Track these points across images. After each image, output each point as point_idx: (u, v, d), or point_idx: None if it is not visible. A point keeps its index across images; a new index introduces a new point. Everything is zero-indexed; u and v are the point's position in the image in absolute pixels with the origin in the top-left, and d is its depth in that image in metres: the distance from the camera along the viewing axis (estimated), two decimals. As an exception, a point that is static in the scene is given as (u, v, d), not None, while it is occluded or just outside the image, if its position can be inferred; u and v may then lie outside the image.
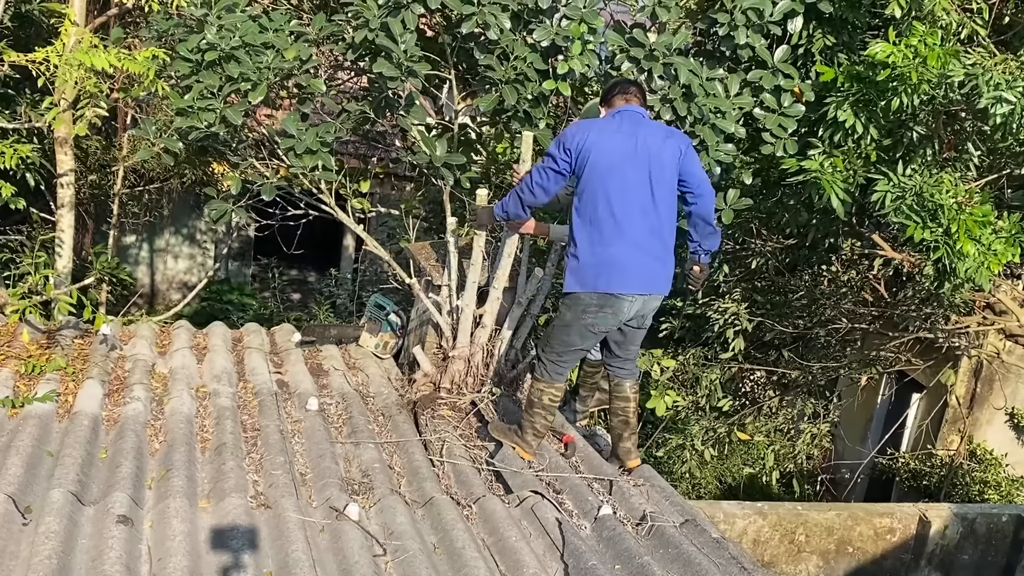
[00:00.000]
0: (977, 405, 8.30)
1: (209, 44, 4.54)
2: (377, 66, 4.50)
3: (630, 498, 4.01)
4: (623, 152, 3.93)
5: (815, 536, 5.63)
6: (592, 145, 3.92)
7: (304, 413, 4.48)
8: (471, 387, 4.82)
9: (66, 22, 5.84)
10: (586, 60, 4.47)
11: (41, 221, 7.77)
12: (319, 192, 5.24)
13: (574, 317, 4.03)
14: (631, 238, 3.93)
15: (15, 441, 3.76)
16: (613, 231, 3.93)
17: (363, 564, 3.19)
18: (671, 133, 4.10)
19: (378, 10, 4.45)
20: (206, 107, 4.60)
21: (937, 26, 4.97)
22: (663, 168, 3.95)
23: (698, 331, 9.23)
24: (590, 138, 3.93)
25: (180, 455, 3.83)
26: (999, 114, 4.59)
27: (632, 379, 4.32)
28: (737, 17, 4.67)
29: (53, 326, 5.20)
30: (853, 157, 5.23)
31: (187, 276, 13.44)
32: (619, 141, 3.95)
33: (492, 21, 4.40)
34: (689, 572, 3.40)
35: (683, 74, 4.51)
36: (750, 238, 7.84)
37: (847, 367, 8.91)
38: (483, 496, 3.86)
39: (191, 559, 3.11)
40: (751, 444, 9.25)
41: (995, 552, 5.95)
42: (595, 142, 3.92)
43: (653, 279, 4.02)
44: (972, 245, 4.73)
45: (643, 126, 4.02)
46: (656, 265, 4.00)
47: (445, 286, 4.87)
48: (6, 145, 5.60)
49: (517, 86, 4.50)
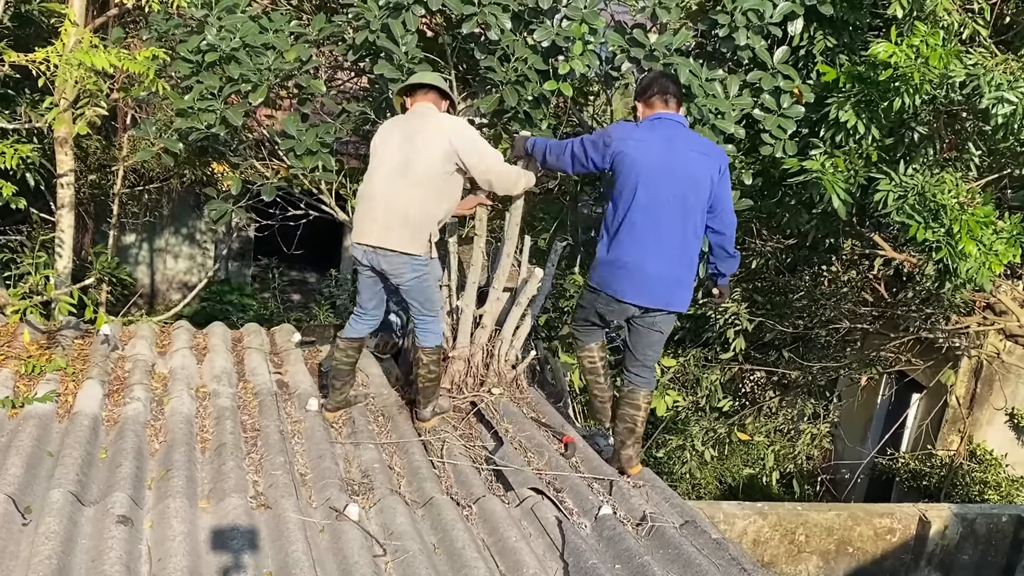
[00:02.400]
0: (977, 405, 8.30)
1: (210, 45, 4.54)
2: (378, 68, 4.50)
3: (630, 499, 4.01)
4: (661, 167, 3.97)
5: (815, 536, 5.63)
6: (630, 153, 3.99)
7: (304, 413, 4.48)
8: (471, 387, 4.82)
9: (66, 22, 5.84)
10: (587, 60, 4.46)
11: (41, 221, 7.76)
12: (319, 192, 5.24)
13: (589, 302, 4.32)
14: (650, 252, 4.00)
15: (15, 441, 3.76)
16: (633, 241, 4.01)
17: (363, 564, 3.19)
18: (711, 150, 4.14)
19: (379, 11, 4.45)
20: (206, 108, 4.60)
21: (939, 26, 4.96)
22: (698, 187, 4.02)
23: (698, 331, 9.23)
24: (629, 146, 4.01)
25: (180, 455, 3.83)
26: (1000, 114, 4.59)
27: (646, 389, 4.34)
28: (737, 18, 4.67)
29: (53, 326, 5.20)
30: (854, 157, 5.22)
31: (187, 276, 13.43)
32: (658, 154, 3.99)
33: (493, 21, 4.40)
34: (689, 573, 3.40)
35: (683, 74, 4.51)
36: (750, 238, 7.84)
37: (847, 367, 8.91)
38: (483, 496, 3.86)
39: (191, 559, 3.11)
40: (751, 444, 9.24)
41: (995, 552, 5.95)
42: (634, 151, 3.99)
43: (666, 295, 4.08)
44: (974, 245, 4.73)
45: (683, 138, 4.08)
46: (671, 282, 4.07)
47: (445, 286, 4.87)
48: (6, 145, 5.59)
49: (518, 87, 4.50)
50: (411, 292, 4.28)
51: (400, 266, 4.17)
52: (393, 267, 4.18)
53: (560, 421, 4.80)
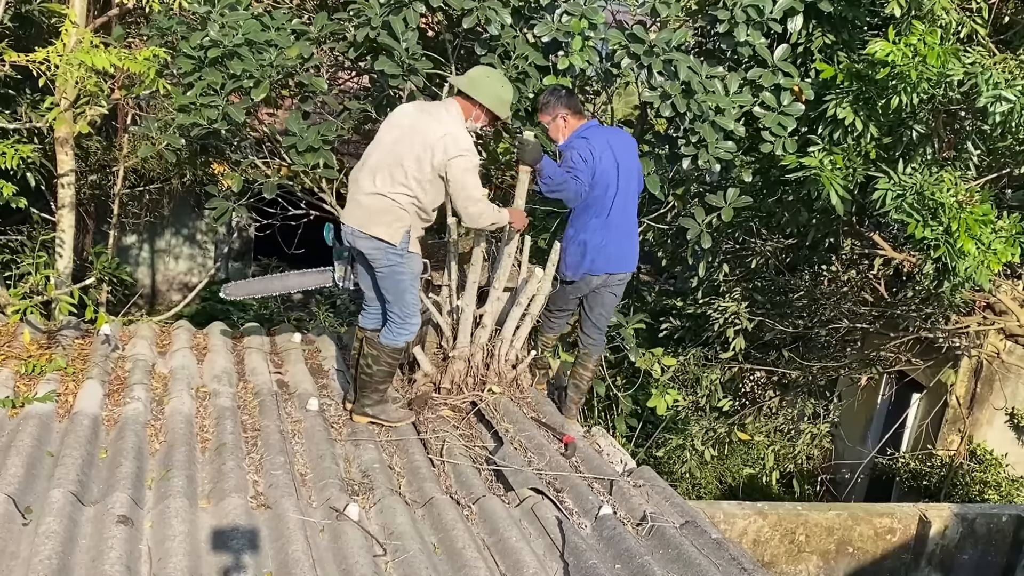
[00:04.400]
0: (977, 405, 8.29)
1: (212, 41, 4.55)
2: (379, 64, 4.51)
3: (630, 498, 4.01)
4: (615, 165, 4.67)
5: (815, 536, 5.63)
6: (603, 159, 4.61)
7: (304, 413, 4.48)
8: (471, 387, 4.82)
9: (66, 22, 5.83)
10: (587, 56, 4.47)
11: (41, 221, 7.76)
12: (320, 191, 5.24)
13: (571, 291, 5.09)
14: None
15: (15, 441, 3.76)
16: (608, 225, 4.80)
17: (363, 564, 3.19)
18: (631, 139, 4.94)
19: (380, 8, 4.45)
20: (209, 104, 4.61)
21: (937, 25, 4.97)
22: (631, 175, 4.77)
23: (698, 331, 9.23)
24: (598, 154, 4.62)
25: (180, 455, 3.83)
26: (998, 112, 4.60)
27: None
28: (737, 14, 4.68)
29: (53, 326, 5.20)
30: (853, 155, 5.23)
31: (187, 276, 13.42)
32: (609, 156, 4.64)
33: (493, 17, 4.41)
34: (689, 573, 3.40)
35: (683, 71, 4.52)
36: (750, 237, 7.84)
37: (847, 367, 8.91)
38: (483, 496, 3.86)
39: (191, 559, 3.11)
40: (751, 444, 9.24)
41: (995, 552, 5.95)
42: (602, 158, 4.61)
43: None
44: (972, 244, 4.73)
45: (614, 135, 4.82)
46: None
47: (445, 286, 4.87)
48: (7, 145, 5.59)
49: (519, 84, 4.50)
50: (384, 281, 4.32)
51: (374, 251, 4.23)
52: (368, 250, 4.24)
53: (560, 421, 4.80)
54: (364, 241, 4.22)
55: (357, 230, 4.21)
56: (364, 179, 4.20)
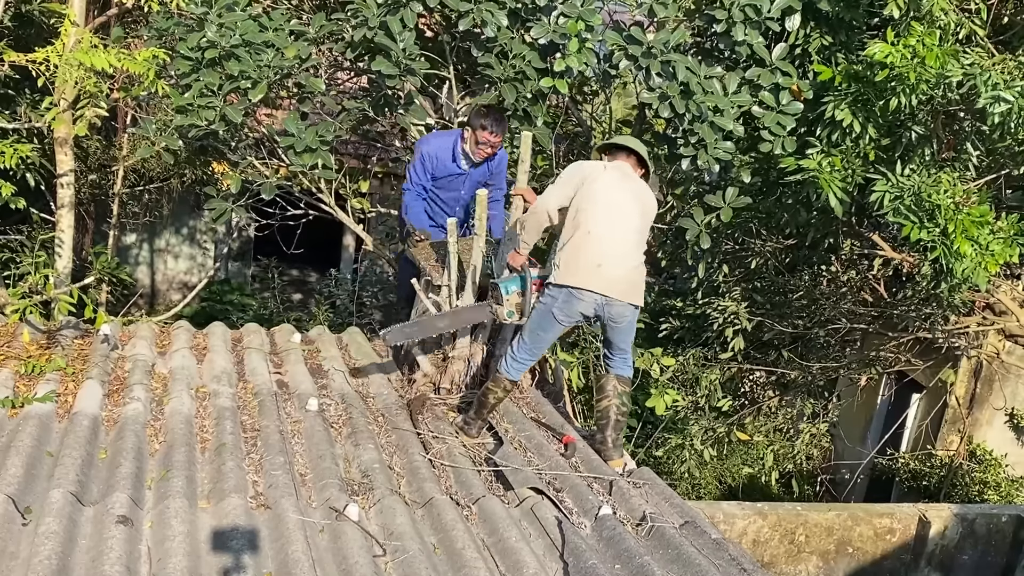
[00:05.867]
0: (977, 405, 8.29)
1: (210, 42, 4.55)
2: (376, 64, 4.51)
3: (630, 499, 4.01)
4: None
5: (815, 536, 5.63)
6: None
7: (304, 413, 4.48)
8: (471, 387, 4.82)
9: (66, 22, 5.83)
10: (584, 58, 4.47)
11: (41, 221, 7.76)
12: (319, 192, 5.25)
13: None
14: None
15: (15, 441, 3.76)
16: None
17: (363, 564, 3.19)
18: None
19: (377, 8, 4.46)
20: (206, 105, 4.61)
21: (935, 26, 4.97)
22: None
23: (698, 331, 9.23)
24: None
25: (180, 455, 3.83)
26: (997, 113, 4.60)
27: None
28: (735, 13, 4.68)
29: (53, 326, 5.20)
30: (851, 156, 5.23)
31: (187, 276, 13.42)
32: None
33: (489, 18, 4.41)
34: (689, 573, 3.40)
35: (681, 71, 4.52)
36: (750, 237, 7.84)
37: (847, 367, 8.91)
38: (483, 496, 3.87)
39: (191, 559, 3.11)
40: (750, 444, 9.24)
41: (995, 552, 5.95)
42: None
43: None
44: (969, 245, 4.73)
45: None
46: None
47: (445, 286, 4.87)
48: (6, 145, 5.59)
49: (516, 84, 4.51)
50: (628, 334, 4.40)
51: (629, 314, 4.30)
52: (619, 316, 4.27)
53: (560, 421, 4.80)
54: (620, 308, 4.23)
55: (617, 300, 4.20)
56: (632, 253, 4.21)
